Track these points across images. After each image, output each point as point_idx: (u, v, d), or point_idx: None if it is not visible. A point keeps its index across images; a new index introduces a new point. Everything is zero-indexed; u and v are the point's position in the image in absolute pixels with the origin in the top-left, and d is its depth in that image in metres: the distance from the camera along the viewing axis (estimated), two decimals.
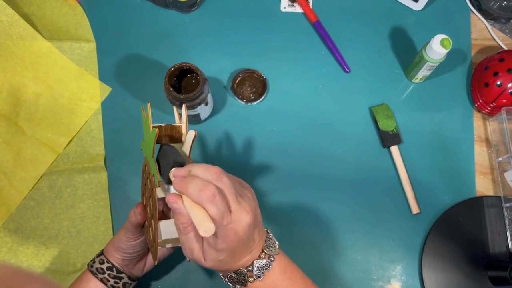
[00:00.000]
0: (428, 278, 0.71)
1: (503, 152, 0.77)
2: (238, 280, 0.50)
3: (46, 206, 0.74)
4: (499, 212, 0.73)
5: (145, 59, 0.83)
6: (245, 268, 0.49)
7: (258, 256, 0.50)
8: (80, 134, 0.78)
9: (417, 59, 0.77)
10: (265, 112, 0.80)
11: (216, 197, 0.45)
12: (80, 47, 0.80)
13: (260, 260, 0.50)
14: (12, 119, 0.74)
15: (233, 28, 0.85)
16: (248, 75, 0.81)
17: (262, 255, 0.50)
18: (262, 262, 0.50)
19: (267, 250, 0.50)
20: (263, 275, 0.49)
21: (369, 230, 0.74)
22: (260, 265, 0.49)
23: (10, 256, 0.71)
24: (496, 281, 0.69)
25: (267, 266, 0.50)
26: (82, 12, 0.85)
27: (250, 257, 0.50)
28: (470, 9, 0.87)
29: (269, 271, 0.50)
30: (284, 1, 0.87)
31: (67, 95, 0.78)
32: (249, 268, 0.49)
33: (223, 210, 0.46)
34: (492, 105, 0.77)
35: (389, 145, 0.77)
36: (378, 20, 0.86)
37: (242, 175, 0.76)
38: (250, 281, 0.49)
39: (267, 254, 0.50)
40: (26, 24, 0.74)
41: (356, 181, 0.76)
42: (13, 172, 0.74)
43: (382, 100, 0.81)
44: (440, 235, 0.72)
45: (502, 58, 0.76)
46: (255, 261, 0.50)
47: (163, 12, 0.86)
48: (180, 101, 0.69)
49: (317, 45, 0.84)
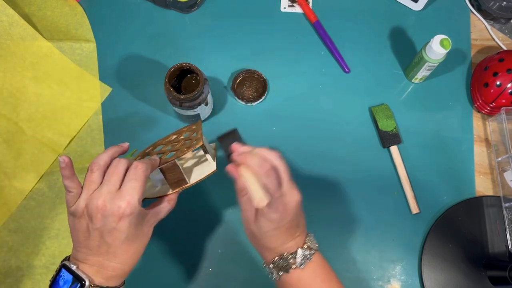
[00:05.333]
0: (428, 277, 0.71)
1: (502, 152, 0.77)
2: (282, 266, 0.53)
3: (47, 206, 0.74)
4: (499, 212, 0.73)
5: (145, 59, 0.83)
6: (290, 254, 0.53)
7: (301, 246, 0.54)
8: (80, 134, 0.78)
9: (417, 59, 0.77)
10: (265, 112, 0.80)
11: (272, 172, 0.51)
12: (81, 47, 0.81)
13: (303, 250, 0.53)
14: (12, 119, 0.74)
15: (233, 28, 0.85)
16: (248, 75, 0.81)
17: (305, 246, 0.54)
18: (305, 252, 0.53)
19: (309, 243, 0.54)
20: (305, 264, 0.53)
21: (368, 230, 0.74)
22: (303, 254, 0.53)
23: (10, 256, 0.71)
24: (496, 280, 0.69)
25: (309, 256, 0.53)
26: (83, 12, 0.85)
27: (294, 243, 0.54)
28: (470, 9, 0.87)
29: (310, 261, 0.53)
30: (284, 2, 0.87)
31: (67, 95, 0.78)
32: (293, 254, 0.53)
33: (276, 184, 0.51)
34: (492, 105, 0.77)
35: (388, 145, 0.77)
36: (378, 20, 0.86)
37: None
38: (293, 268, 0.52)
39: (309, 247, 0.54)
40: (27, 24, 0.74)
41: (355, 181, 0.76)
42: (13, 172, 0.74)
43: (381, 100, 0.81)
44: (440, 235, 0.73)
45: (502, 58, 0.76)
46: (299, 249, 0.53)
47: (163, 12, 0.86)
48: (180, 101, 0.69)
49: (317, 45, 0.84)
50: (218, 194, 0.75)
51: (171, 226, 0.73)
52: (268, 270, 0.55)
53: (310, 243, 0.54)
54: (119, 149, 0.56)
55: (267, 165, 0.51)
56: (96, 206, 0.50)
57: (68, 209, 0.53)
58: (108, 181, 0.51)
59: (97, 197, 0.50)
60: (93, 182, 0.51)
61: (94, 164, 0.52)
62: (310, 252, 0.54)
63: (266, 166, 0.51)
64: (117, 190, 0.51)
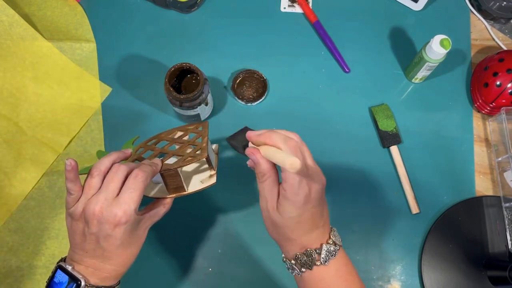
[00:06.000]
0: (428, 277, 0.71)
1: (502, 152, 0.77)
2: (305, 262, 0.50)
3: (47, 206, 0.74)
4: (499, 212, 0.73)
5: (145, 59, 0.83)
6: (314, 250, 0.50)
7: (326, 241, 0.50)
8: (81, 134, 0.78)
9: (417, 59, 0.77)
10: (265, 112, 0.80)
11: (298, 149, 0.48)
12: (81, 47, 0.81)
13: (328, 245, 0.50)
14: (12, 119, 0.74)
15: (233, 29, 0.85)
16: (248, 75, 0.81)
17: (330, 241, 0.50)
18: (330, 248, 0.50)
19: (334, 238, 0.51)
20: (329, 261, 0.50)
21: (368, 230, 0.74)
22: (327, 250, 0.50)
23: (10, 256, 0.71)
24: (496, 280, 0.69)
25: (333, 253, 0.50)
26: (83, 12, 0.85)
27: (318, 235, 0.51)
28: (470, 9, 0.87)
29: (334, 259, 0.50)
30: (284, 2, 0.87)
31: (67, 95, 0.78)
32: (318, 250, 0.50)
33: (302, 163, 0.47)
34: (492, 105, 0.77)
35: (388, 145, 0.77)
36: (378, 20, 0.86)
37: (242, 175, 0.76)
38: (317, 265, 0.50)
39: (334, 242, 0.51)
40: (27, 24, 0.74)
41: (355, 181, 0.76)
42: (13, 172, 0.74)
43: (381, 100, 0.81)
44: (440, 235, 0.73)
45: (502, 58, 0.76)
46: (323, 244, 0.50)
47: (163, 12, 0.86)
48: (180, 101, 0.69)
49: (317, 45, 0.84)
50: (218, 194, 0.75)
51: (171, 226, 0.73)
52: (289, 265, 0.52)
53: (334, 238, 0.51)
54: (122, 155, 0.56)
55: (293, 141, 0.48)
56: (93, 212, 0.50)
57: (66, 210, 0.53)
58: (106, 188, 0.51)
59: (95, 203, 0.50)
60: (92, 187, 0.51)
61: (94, 169, 0.52)
62: (334, 247, 0.51)
63: (292, 143, 0.48)
64: (114, 197, 0.51)
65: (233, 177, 0.76)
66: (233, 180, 0.76)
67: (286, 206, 0.49)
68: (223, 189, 0.75)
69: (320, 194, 0.50)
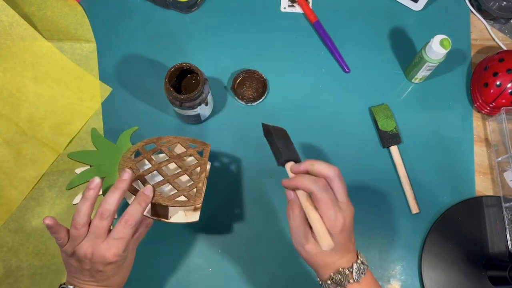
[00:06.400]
0: (428, 277, 0.71)
1: (502, 152, 0.77)
2: (340, 281, 0.53)
3: (47, 206, 0.74)
4: (499, 212, 0.73)
5: (145, 59, 0.83)
6: (347, 269, 0.53)
7: (355, 261, 0.54)
8: (81, 134, 0.78)
9: (417, 59, 0.77)
10: (265, 112, 0.80)
11: (328, 187, 0.52)
12: (81, 47, 0.81)
13: (358, 264, 0.54)
14: (12, 119, 0.74)
15: (233, 29, 0.85)
16: (248, 75, 0.81)
17: (359, 261, 0.54)
18: (360, 266, 0.54)
19: (361, 259, 0.55)
20: (360, 279, 0.53)
21: (368, 230, 0.74)
22: (358, 268, 0.54)
23: (10, 255, 0.71)
24: (496, 280, 0.69)
25: (363, 271, 0.54)
26: (83, 12, 0.85)
27: (349, 258, 0.54)
28: (470, 9, 0.87)
29: (364, 277, 0.54)
30: (284, 2, 0.87)
31: (67, 95, 0.78)
32: (350, 269, 0.53)
33: (333, 199, 0.52)
34: (492, 105, 0.77)
35: (388, 145, 0.77)
36: (377, 20, 0.86)
37: (242, 175, 0.76)
38: (350, 282, 0.53)
39: (362, 262, 0.55)
40: (27, 24, 0.74)
41: (355, 181, 0.76)
42: (13, 172, 0.74)
43: (381, 100, 0.81)
44: (440, 235, 0.73)
45: (502, 58, 0.76)
46: (354, 264, 0.54)
47: (163, 12, 0.86)
48: (180, 101, 0.69)
49: (317, 45, 0.84)
50: (218, 193, 0.75)
51: (171, 226, 0.73)
52: (325, 286, 0.55)
53: (362, 258, 0.55)
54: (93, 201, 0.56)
55: (322, 182, 0.51)
56: (84, 254, 0.53)
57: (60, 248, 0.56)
58: (94, 234, 0.54)
59: (85, 247, 0.54)
60: (79, 236, 0.54)
61: (76, 223, 0.54)
62: (364, 267, 0.54)
63: (321, 183, 0.51)
64: (103, 240, 0.54)
65: (233, 177, 0.77)
66: (234, 180, 0.76)
67: None
68: (223, 189, 0.75)
69: (351, 222, 0.54)
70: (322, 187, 0.51)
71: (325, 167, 0.53)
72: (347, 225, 0.53)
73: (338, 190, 0.52)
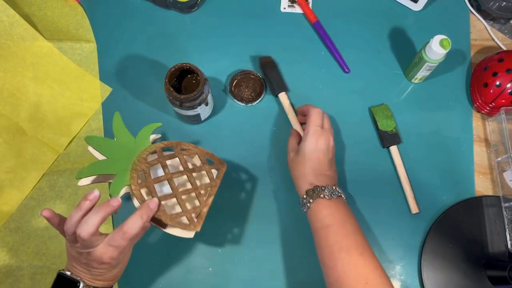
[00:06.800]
0: (428, 277, 0.71)
1: (502, 152, 0.77)
2: (312, 194, 0.63)
3: (47, 206, 0.74)
4: (498, 211, 0.74)
5: (145, 59, 0.83)
6: (320, 186, 0.63)
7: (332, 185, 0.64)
8: (81, 134, 0.78)
9: (417, 59, 0.77)
10: (265, 112, 0.80)
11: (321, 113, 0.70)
12: (81, 47, 0.81)
13: (333, 188, 0.63)
14: (13, 119, 0.74)
15: (233, 29, 0.85)
16: (244, 76, 0.81)
17: (334, 187, 0.64)
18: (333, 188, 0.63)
19: (339, 190, 0.65)
20: (332, 199, 0.63)
21: (368, 230, 0.74)
22: (331, 189, 0.63)
23: (10, 255, 0.71)
24: (495, 280, 0.69)
25: (336, 193, 0.63)
26: (83, 13, 0.85)
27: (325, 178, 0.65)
28: (470, 9, 0.87)
29: (336, 199, 0.63)
30: (284, 2, 0.87)
31: (67, 95, 0.78)
32: (323, 188, 0.63)
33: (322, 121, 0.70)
34: (491, 105, 0.77)
35: (388, 145, 0.77)
36: (377, 20, 0.86)
37: (242, 175, 0.76)
38: (320, 197, 0.62)
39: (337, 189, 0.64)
40: (27, 25, 0.74)
41: (355, 181, 0.76)
42: (14, 172, 0.74)
43: (381, 100, 0.81)
44: (440, 235, 0.73)
45: (501, 59, 0.76)
46: (328, 185, 0.64)
47: (163, 13, 0.86)
48: (180, 101, 0.69)
49: (316, 45, 0.84)
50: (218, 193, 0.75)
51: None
52: (303, 201, 0.64)
53: (340, 190, 0.64)
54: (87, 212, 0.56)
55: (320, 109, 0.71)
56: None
57: None
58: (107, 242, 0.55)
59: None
60: (71, 241, 0.55)
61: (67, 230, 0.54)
62: (338, 192, 0.64)
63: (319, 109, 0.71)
64: None
65: (233, 177, 0.77)
66: (234, 180, 0.76)
67: (301, 146, 0.68)
68: (223, 188, 0.75)
69: (325, 146, 0.67)
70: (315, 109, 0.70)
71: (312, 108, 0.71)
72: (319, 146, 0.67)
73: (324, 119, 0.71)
